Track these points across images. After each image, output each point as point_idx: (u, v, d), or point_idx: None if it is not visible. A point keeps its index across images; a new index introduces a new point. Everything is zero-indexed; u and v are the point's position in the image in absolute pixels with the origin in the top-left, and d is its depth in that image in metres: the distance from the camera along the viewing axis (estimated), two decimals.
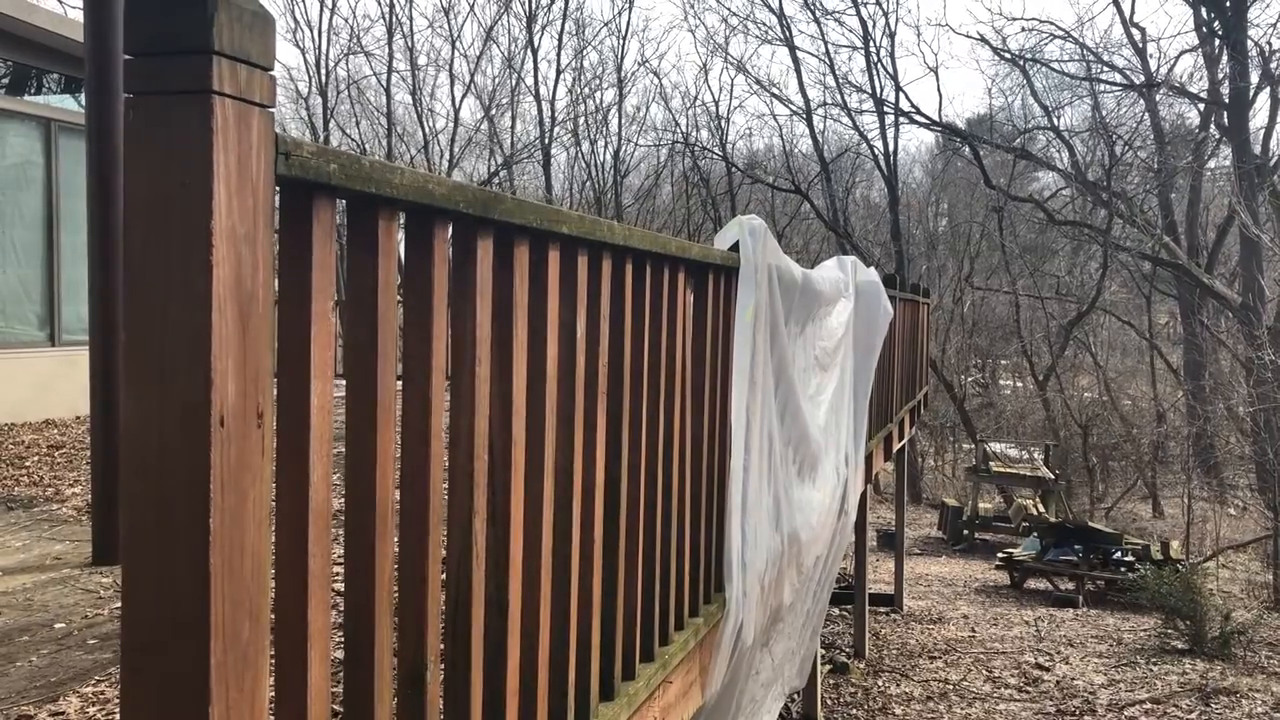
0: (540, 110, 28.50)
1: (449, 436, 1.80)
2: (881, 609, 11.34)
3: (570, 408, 2.24)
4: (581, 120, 28.90)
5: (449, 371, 1.79)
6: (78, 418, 8.65)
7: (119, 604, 3.66)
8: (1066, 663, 9.39)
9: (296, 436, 1.39)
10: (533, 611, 2.08)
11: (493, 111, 29.16)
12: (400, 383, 1.68)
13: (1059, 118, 26.41)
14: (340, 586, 1.59)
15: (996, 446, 21.62)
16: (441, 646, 1.80)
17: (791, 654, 5.37)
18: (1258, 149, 21.91)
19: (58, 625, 3.43)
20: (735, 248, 3.53)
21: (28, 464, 6.51)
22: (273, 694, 1.38)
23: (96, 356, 4.59)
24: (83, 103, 9.10)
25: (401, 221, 1.68)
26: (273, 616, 1.37)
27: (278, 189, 1.31)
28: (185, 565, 1.19)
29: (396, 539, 1.65)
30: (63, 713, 2.68)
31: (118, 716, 2.66)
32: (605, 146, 29.23)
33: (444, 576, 1.81)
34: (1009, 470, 18.70)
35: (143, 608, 1.21)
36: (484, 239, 1.81)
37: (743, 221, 3.52)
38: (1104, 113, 24.68)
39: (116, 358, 4.60)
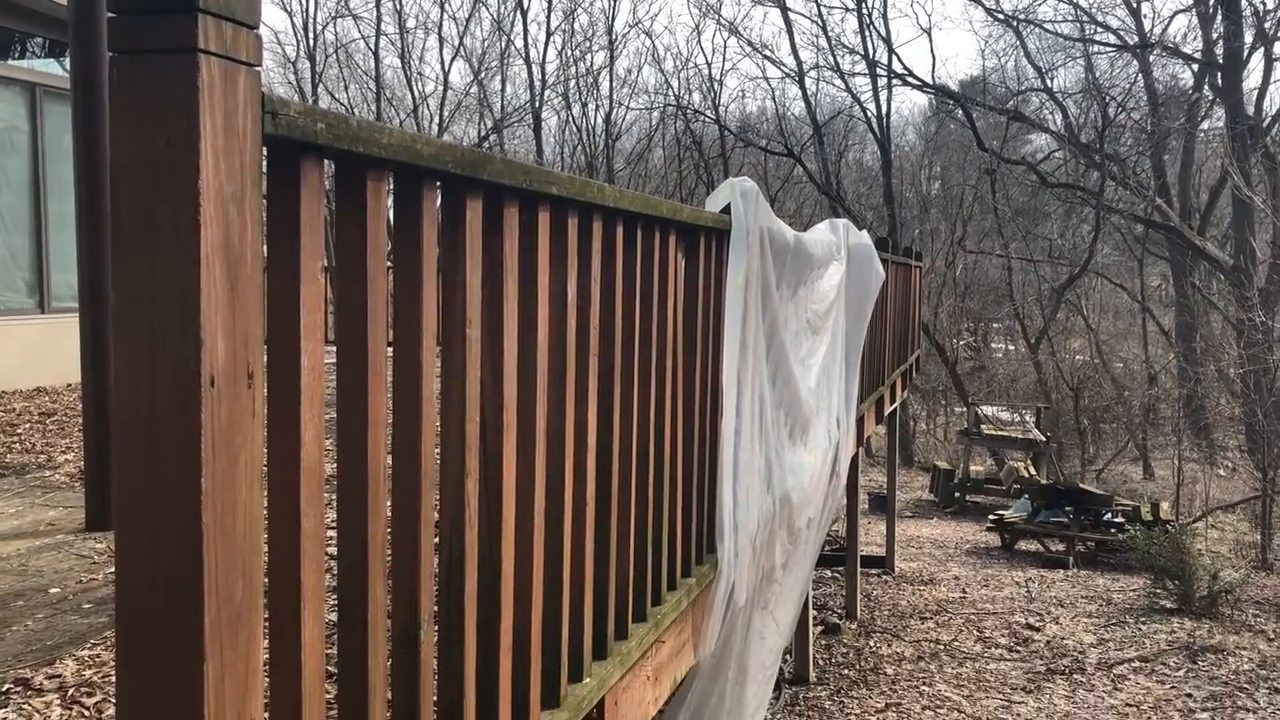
0: (530, 73, 28.32)
1: (440, 399, 1.80)
2: (873, 571, 11.42)
3: (562, 370, 2.24)
4: (572, 83, 28.72)
5: (440, 334, 1.79)
6: (69, 385, 8.62)
7: (113, 569, 3.68)
8: (1056, 623, 9.49)
9: (288, 397, 1.39)
10: (525, 572, 2.09)
11: (482, 75, 28.98)
12: (390, 345, 1.68)
13: (1052, 79, 26.33)
14: (334, 551, 1.59)
15: (988, 410, 21.66)
16: (435, 608, 1.81)
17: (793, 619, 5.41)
18: (1251, 110, 21.85)
19: (52, 590, 3.44)
20: (727, 210, 3.52)
21: (19, 431, 6.51)
22: (268, 654, 1.39)
23: (86, 322, 4.58)
24: (68, 66, 9.02)
25: (390, 184, 1.67)
26: (266, 581, 1.38)
27: (265, 149, 1.31)
28: (177, 524, 1.19)
29: (389, 501, 1.66)
30: (59, 675, 2.70)
31: (114, 678, 2.68)
32: (596, 110, 29.08)
33: (437, 539, 1.82)
34: (1000, 433, 18.78)
35: (136, 567, 1.21)
36: (473, 200, 1.81)
37: (734, 184, 3.51)
38: (1097, 74, 24.59)
39: (106, 323, 4.59)
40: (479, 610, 1.91)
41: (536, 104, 28.14)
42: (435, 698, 1.81)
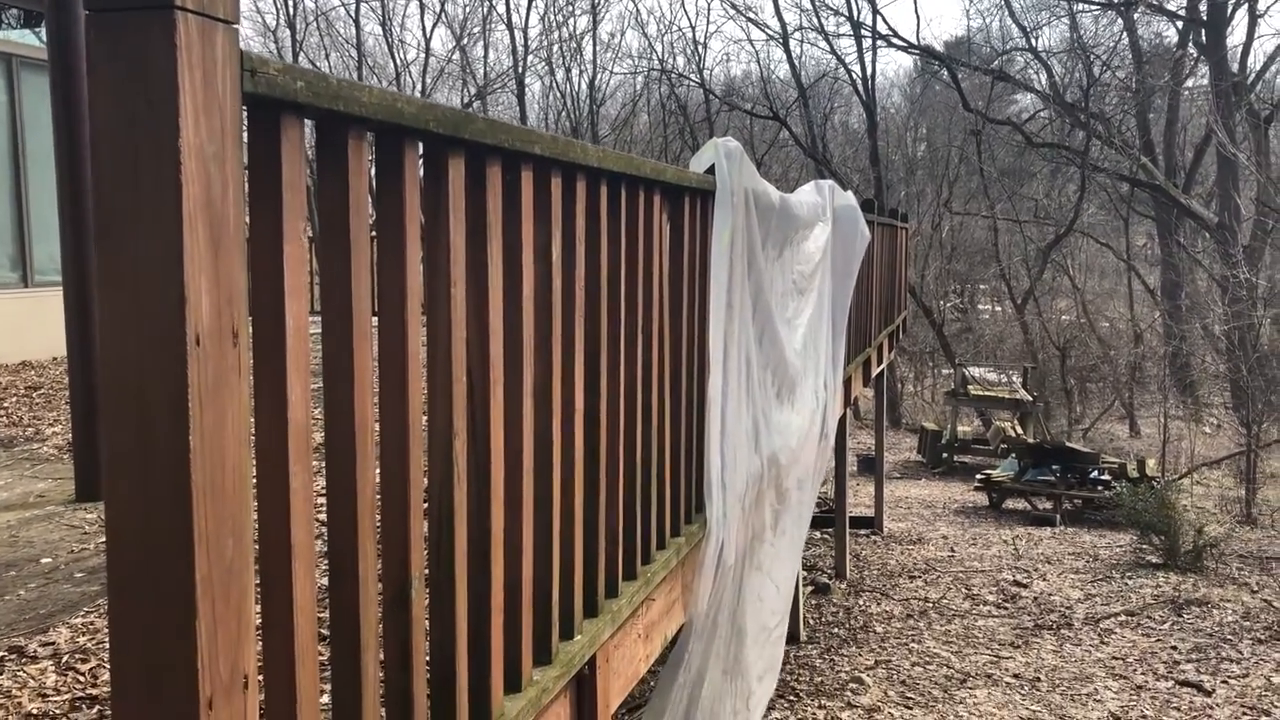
0: (513, 38, 28.09)
1: (426, 359, 1.81)
2: (862, 531, 11.51)
3: (548, 330, 2.25)
4: (555, 48, 28.50)
5: (424, 295, 1.79)
6: (54, 359, 8.60)
7: (104, 539, 3.69)
8: (1044, 579, 9.59)
9: (273, 357, 1.40)
10: (515, 531, 2.11)
11: (464, 41, 28.73)
12: (375, 305, 1.69)
13: (1037, 39, 26.21)
14: (324, 518, 1.61)
15: (975, 371, 21.74)
16: (426, 567, 1.83)
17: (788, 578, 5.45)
18: (1235, 67, 21.83)
19: (44, 560, 3.45)
20: (711, 171, 3.52)
21: (5, 405, 6.49)
22: (260, 613, 1.40)
23: (71, 293, 4.56)
24: (44, 37, 8.91)
25: (371, 145, 1.67)
26: (257, 540, 1.39)
27: (245, 110, 1.31)
28: (167, 482, 1.20)
29: (378, 461, 1.67)
30: (53, 643, 2.72)
31: (107, 645, 2.70)
32: (580, 75, 28.88)
33: (426, 499, 1.83)
34: (987, 393, 18.85)
35: (127, 526, 1.22)
36: (455, 159, 1.81)
37: (718, 144, 3.51)
38: (1082, 33, 24.50)
39: (91, 294, 4.58)
40: (470, 569, 1.93)
41: (520, 70, 27.95)
42: (428, 656, 1.83)
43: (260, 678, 1.39)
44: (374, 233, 1.73)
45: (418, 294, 1.70)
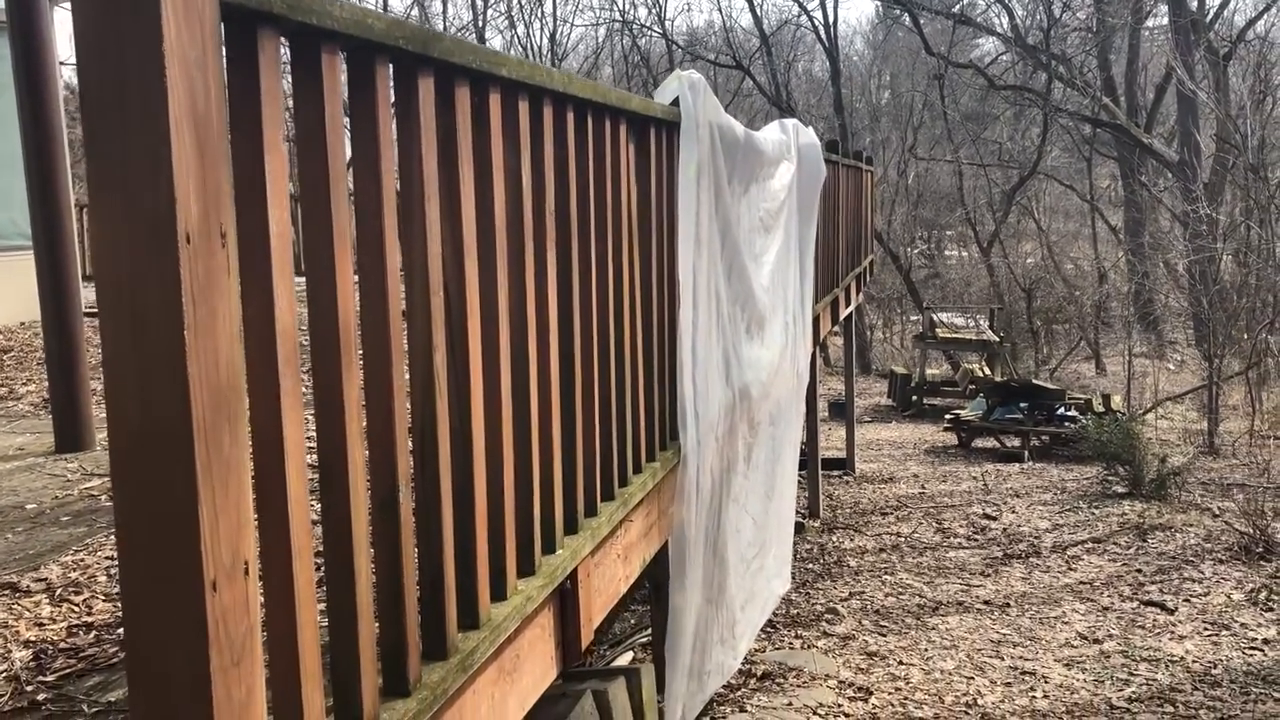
0: None
1: (404, 274, 1.87)
2: (834, 473, 11.68)
3: (520, 252, 2.31)
4: (515, 2, 28.22)
5: (399, 212, 1.85)
6: (22, 324, 8.55)
7: (87, 485, 3.74)
8: (1013, 512, 9.79)
9: (259, 262, 1.45)
10: (496, 444, 2.18)
11: None
12: (354, 220, 1.75)
13: None
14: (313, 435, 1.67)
15: (943, 316, 21.96)
16: (412, 475, 1.90)
17: (775, 518, 5.56)
18: (1195, 5, 21.95)
19: (29, 506, 3.50)
20: (676, 104, 3.57)
21: None
22: (256, 511, 1.47)
23: (42, 251, 4.56)
24: None
25: (344, 63, 1.72)
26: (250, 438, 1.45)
27: (223, 24, 1.35)
28: (164, 373, 1.26)
29: (361, 367, 1.73)
30: (45, 579, 2.78)
31: (98, 576, 2.77)
32: (542, 30, 28.65)
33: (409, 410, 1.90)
34: (955, 336, 19.06)
35: (126, 420, 1.28)
36: (424, 78, 1.86)
37: (682, 76, 3.56)
38: None
39: (62, 252, 4.58)
40: (453, 478, 2.00)
41: (480, 24, 27.67)
42: (416, 564, 1.91)
43: (259, 568, 1.46)
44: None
45: (394, 207, 1.75)
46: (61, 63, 5.63)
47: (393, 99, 1.83)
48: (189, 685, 1.29)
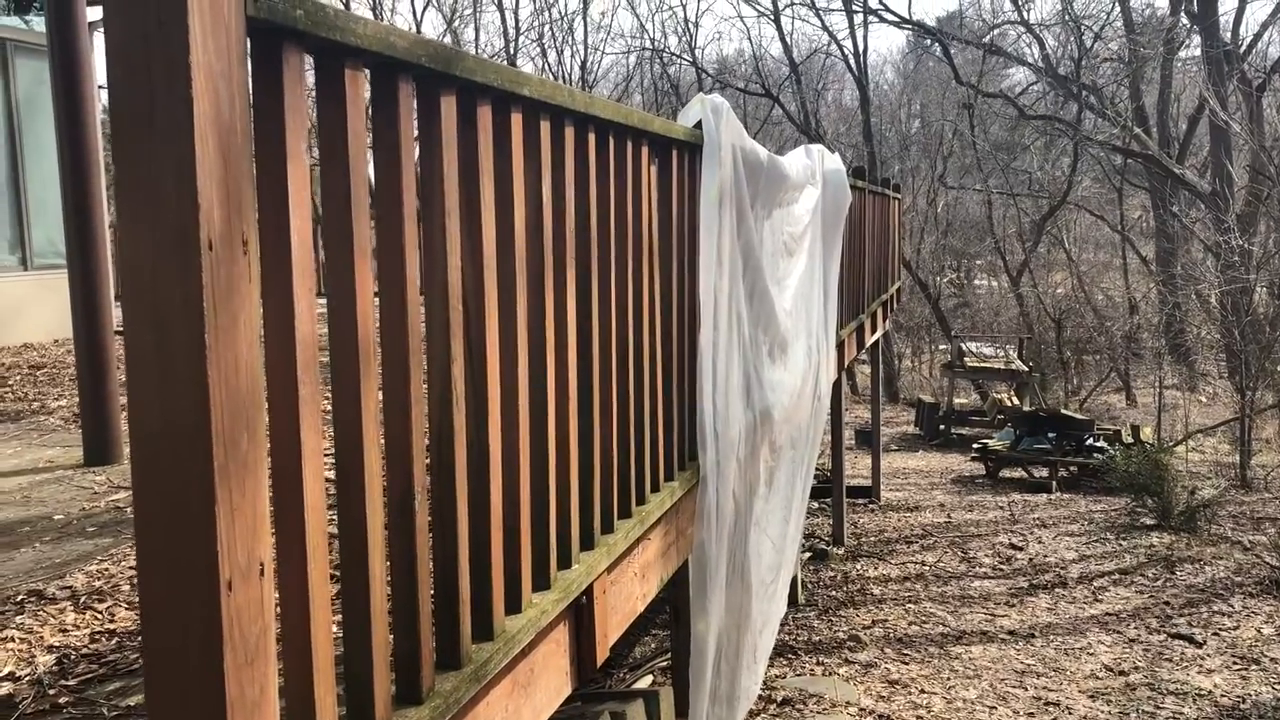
0: (504, 20, 28.10)
1: (424, 285, 1.90)
2: (859, 500, 11.62)
3: (540, 268, 2.34)
4: (547, 29, 28.51)
5: (420, 224, 1.88)
6: (56, 341, 8.69)
7: (114, 498, 3.79)
8: (1040, 542, 9.70)
9: (280, 271, 1.49)
10: (512, 457, 2.20)
11: (455, 23, 28.69)
12: (374, 233, 1.78)
13: (1029, 11, 26.28)
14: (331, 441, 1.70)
15: (971, 345, 21.86)
16: (428, 484, 1.92)
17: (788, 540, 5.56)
18: (1227, 36, 21.86)
19: (56, 517, 3.55)
20: (699, 127, 3.60)
21: (11, 383, 6.58)
22: (273, 512, 1.50)
23: (76, 269, 4.63)
24: (27, 22, 8.96)
25: (367, 78, 1.76)
26: (269, 442, 1.48)
27: (249, 38, 1.39)
28: (185, 377, 1.29)
29: (380, 376, 1.76)
30: (70, 586, 2.82)
31: (122, 584, 2.80)
32: (572, 57, 28.89)
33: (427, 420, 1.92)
34: (983, 365, 18.95)
35: (147, 421, 1.31)
36: (447, 96, 1.89)
37: (705, 99, 3.59)
38: (1074, 4, 24.49)
39: (95, 271, 4.66)
40: (470, 488, 2.03)
41: (511, 51, 27.94)
42: (431, 570, 1.93)
43: (275, 570, 1.49)
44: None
45: (414, 219, 1.79)
46: (100, 86, 5.74)
47: (415, 116, 1.87)
48: (203, 683, 1.32)
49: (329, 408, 1.69)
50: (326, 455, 1.70)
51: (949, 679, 6.36)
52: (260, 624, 1.37)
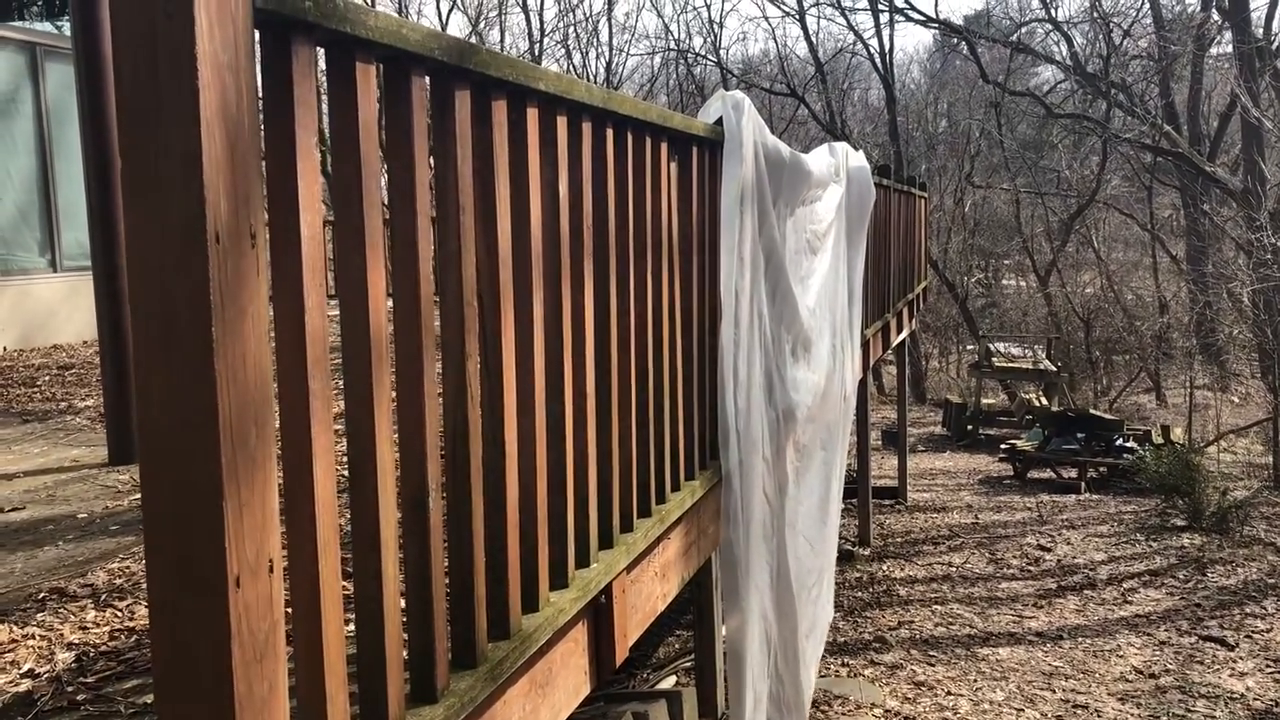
0: (529, 22, 28.20)
1: (438, 281, 1.89)
2: (886, 501, 11.55)
3: (557, 264, 2.32)
4: (571, 31, 28.53)
5: (434, 219, 1.87)
6: (84, 342, 8.76)
7: (137, 496, 3.80)
8: (1068, 543, 9.61)
9: (290, 266, 1.48)
10: (529, 453, 2.19)
11: (480, 26, 28.77)
12: (387, 228, 1.77)
13: (1057, 9, 26.05)
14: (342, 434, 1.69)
15: (999, 345, 21.69)
16: (443, 481, 1.91)
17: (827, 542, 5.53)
18: (1260, 31, 21.58)
19: (80, 515, 3.57)
20: (720, 124, 3.58)
21: (39, 384, 6.64)
22: (284, 508, 1.48)
23: (100, 270, 4.66)
24: (59, 27, 9.05)
25: (379, 72, 1.75)
26: (279, 440, 1.47)
27: (257, 32, 1.38)
28: (192, 370, 1.28)
29: (393, 372, 1.75)
30: (91, 584, 2.82)
31: (142, 583, 2.81)
32: (597, 58, 28.91)
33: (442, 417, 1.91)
34: (1011, 365, 18.80)
35: (154, 414, 1.30)
36: (461, 90, 1.88)
37: (725, 95, 3.56)
38: (1102, 1, 24.27)
39: (119, 268, 4.68)
40: (485, 485, 2.01)
41: (536, 53, 27.98)
42: (446, 567, 1.92)
43: (285, 566, 1.48)
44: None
45: (427, 214, 1.77)
46: None
47: (428, 105, 1.85)
48: (212, 679, 1.31)
49: (341, 405, 1.68)
50: (339, 452, 1.69)
51: (975, 681, 6.30)
52: (269, 620, 1.36)
